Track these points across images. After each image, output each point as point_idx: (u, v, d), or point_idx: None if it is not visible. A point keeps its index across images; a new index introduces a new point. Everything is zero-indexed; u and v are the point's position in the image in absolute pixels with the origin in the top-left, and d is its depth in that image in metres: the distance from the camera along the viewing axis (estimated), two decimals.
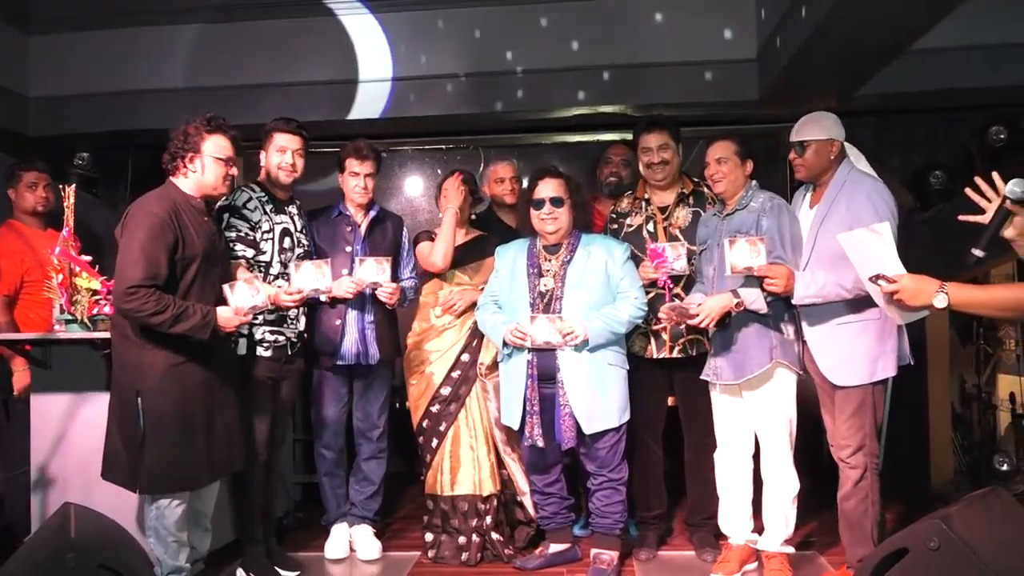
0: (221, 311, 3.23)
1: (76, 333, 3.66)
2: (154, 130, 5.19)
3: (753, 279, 3.41)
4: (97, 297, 3.65)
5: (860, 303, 3.28)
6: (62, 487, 3.69)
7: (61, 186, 3.85)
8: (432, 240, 4.04)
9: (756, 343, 3.53)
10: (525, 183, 4.34)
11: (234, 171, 3.39)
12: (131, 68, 5.41)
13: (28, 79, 5.52)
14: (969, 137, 5.29)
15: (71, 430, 3.72)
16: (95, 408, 3.69)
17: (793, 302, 3.35)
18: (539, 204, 3.71)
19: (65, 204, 3.76)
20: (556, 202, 3.69)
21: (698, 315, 3.44)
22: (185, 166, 3.31)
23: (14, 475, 4.02)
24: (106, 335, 3.52)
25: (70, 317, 3.68)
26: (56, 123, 5.51)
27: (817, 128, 3.45)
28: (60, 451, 3.73)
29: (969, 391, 5.36)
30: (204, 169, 3.31)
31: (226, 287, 3.25)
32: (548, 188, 3.72)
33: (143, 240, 3.12)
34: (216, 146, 3.32)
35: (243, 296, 3.27)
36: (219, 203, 3.71)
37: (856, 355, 3.32)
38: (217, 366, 3.34)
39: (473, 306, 3.95)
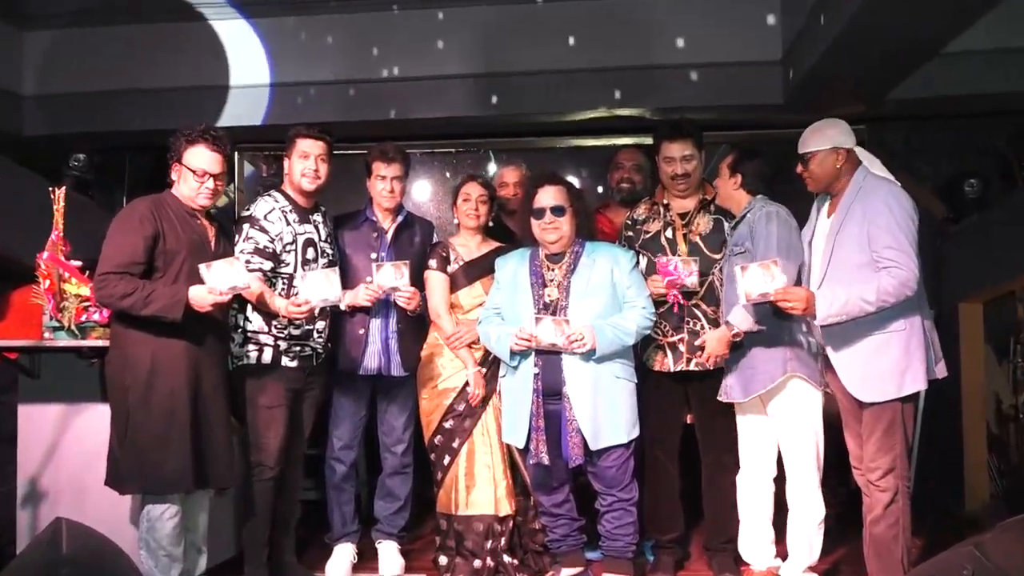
0: (194, 289, 3.27)
1: (63, 341, 3.66)
2: (153, 131, 5.24)
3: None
4: (86, 304, 3.66)
5: (884, 314, 3.24)
6: (53, 501, 3.70)
7: (51, 188, 3.86)
8: (443, 271, 4.00)
9: (766, 356, 3.53)
10: None
11: (211, 185, 3.40)
12: (130, 66, 5.44)
13: (23, 77, 5.56)
14: (1005, 143, 5.25)
15: (61, 442, 3.73)
16: (86, 419, 3.72)
17: (816, 323, 3.31)
18: (539, 213, 3.68)
19: (55, 207, 3.78)
20: (557, 211, 3.66)
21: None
22: (173, 172, 3.44)
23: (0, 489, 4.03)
24: (96, 343, 3.56)
25: (58, 324, 3.68)
26: (51, 123, 5.55)
27: (819, 138, 3.44)
28: (50, 464, 3.74)
29: (1006, 411, 5.30)
30: (181, 178, 3.42)
31: (202, 266, 3.28)
32: (548, 196, 3.69)
33: (121, 232, 3.29)
34: (193, 157, 3.39)
35: (220, 275, 3.29)
36: (242, 213, 3.77)
37: (881, 369, 3.28)
38: (207, 370, 3.38)
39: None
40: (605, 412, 3.57)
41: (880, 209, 3.27)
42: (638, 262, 3.79)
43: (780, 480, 3.69)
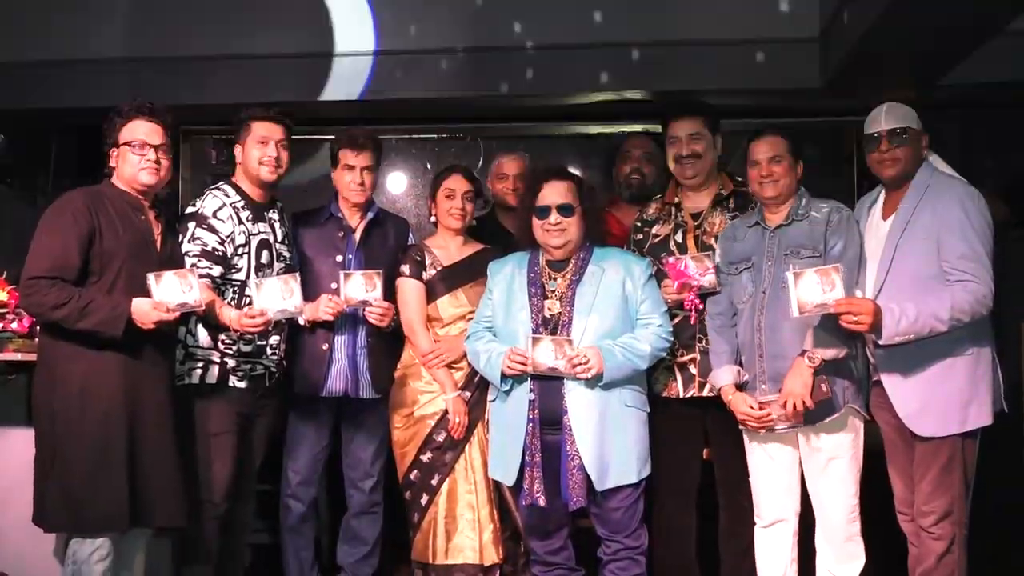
0: (138, 303, 3.30)
1: None
2: (83, 109, 5.23)
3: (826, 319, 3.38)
4: (2, 311, 3.68)
5: (952, 335, 3.26)
6: None
7: None
8: (418, 278, 4.04)
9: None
10: None
11: (153, 157, 3.45)
12: (56, 34, 5.42)
13: None
14: None
15: None
16: (3, 445, 3.72)
17: (881, 343, 3.31)
18: (543, 212, 3.70)
19: None
20: (564, 210, 3.68)
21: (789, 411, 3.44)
22: (111, 159, 3.49)
23: None
24: (14, 356, 3.59)
25: None
26: None
27: (909, 116, 3.48)
28: None
29: None
30: (120, 161, 3.48)
31: (151, 276, 3.32)
32: (554, 193, 3.71)
33: (51, 230, 3.32)
34: (130, 132, 3.46)
35: (170, 290, 3.33)
36: (187, 209, 3.81)
37: (944, 399, 3.31)
38: (149, 390, 3.41)
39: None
40: (613, 446, 3.58)
41: (955, 213, 3.29)
42: (654, 271, 3.80)
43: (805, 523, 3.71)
